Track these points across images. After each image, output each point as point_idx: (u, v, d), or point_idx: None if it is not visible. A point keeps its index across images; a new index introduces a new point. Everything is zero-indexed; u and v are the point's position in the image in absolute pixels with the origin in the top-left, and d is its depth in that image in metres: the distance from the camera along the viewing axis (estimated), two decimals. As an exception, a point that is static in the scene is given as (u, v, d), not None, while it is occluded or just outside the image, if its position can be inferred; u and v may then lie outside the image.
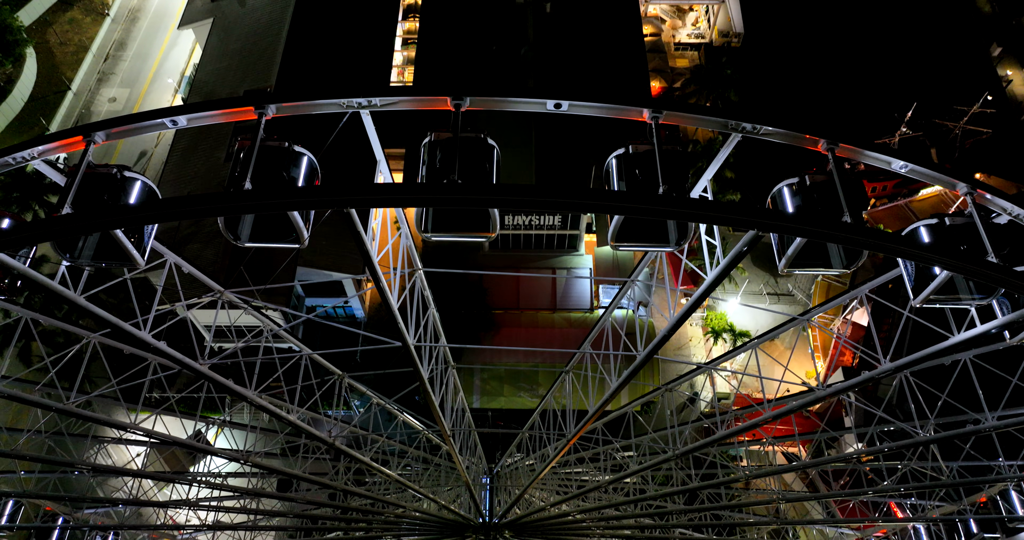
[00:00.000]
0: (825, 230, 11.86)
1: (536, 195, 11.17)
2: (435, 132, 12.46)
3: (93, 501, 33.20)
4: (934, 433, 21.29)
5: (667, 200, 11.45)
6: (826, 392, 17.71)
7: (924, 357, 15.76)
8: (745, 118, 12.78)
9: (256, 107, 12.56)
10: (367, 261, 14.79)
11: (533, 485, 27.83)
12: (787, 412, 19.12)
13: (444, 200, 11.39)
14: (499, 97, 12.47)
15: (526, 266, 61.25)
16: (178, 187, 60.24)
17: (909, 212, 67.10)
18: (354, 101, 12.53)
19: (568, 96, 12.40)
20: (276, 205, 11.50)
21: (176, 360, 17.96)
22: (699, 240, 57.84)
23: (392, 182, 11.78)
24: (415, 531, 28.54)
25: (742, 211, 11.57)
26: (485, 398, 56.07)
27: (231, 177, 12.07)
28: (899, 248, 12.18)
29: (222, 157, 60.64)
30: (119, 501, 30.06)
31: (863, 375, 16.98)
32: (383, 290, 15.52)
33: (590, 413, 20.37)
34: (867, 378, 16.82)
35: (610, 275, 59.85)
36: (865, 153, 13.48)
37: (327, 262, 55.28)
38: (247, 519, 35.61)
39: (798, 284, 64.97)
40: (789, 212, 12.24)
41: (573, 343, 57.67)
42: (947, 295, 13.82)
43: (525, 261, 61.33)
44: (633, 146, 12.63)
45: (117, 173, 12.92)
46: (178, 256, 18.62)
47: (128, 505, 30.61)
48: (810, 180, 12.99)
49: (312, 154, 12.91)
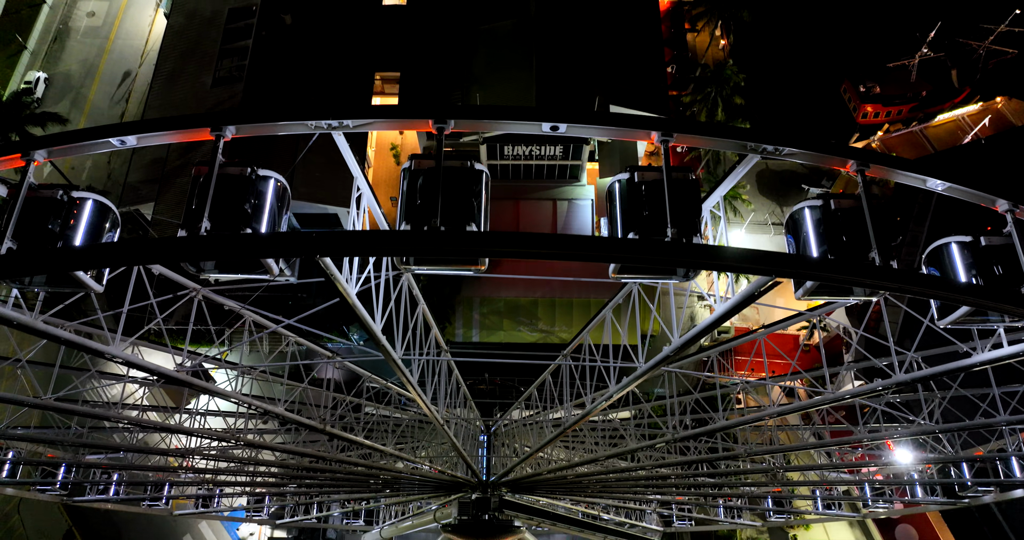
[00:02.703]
0: (850, 277, 10.69)
1: (530, 247, 9.89)
2: (416, 160, 11.04)
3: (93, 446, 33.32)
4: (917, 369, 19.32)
5: (677, 249, 10.20)
6: (835, 396, 16.92)
7: (942, 372, 14.87)
8: (766, 139, 11.33)
9: (213, 128, 11.09)
10: (353, 307, 13.52)
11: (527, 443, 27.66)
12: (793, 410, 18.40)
13: (424, 250, 10.14)
14: (488, 119, 10.97)
15: (526, 196, 59.66)
16: (162, 114, 57.86)
17: (924, 139, 64.66)
18: (323, 123, 11.04)
19: (565, 118, 10.89)
20: (237, 253, 10.27)
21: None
22: (704, 170, 54.67)
23: (366, 230, 10.48)
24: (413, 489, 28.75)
25: (760, 259, 10.32)
26: (484, 332, 55.91)
27: (187, 212, 10.76)
28: (938, 293, 11.00)
29: (209, 82, 57.99)
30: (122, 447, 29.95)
31: (876, 382, 16.11)
32: (365, 321, 14.30)
33: (585, 411, 19.65)
34: (874, 389, 15.97)
35: (613, 206, 58.33)
36: (897, 172, 12.05)
37: (322, 194, 53.80)
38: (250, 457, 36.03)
39: (805, 214, 63.47)
40: (812, 256, 10.94)
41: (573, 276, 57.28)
42: (975, 316, 12.78)
43: (525, 191, 59.69)
44: (639, 174, 11.22)
45: (63, 196, 11.54)
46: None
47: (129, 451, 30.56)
48: (835, 205, 11.64)
49: (279, 175, 11.53)
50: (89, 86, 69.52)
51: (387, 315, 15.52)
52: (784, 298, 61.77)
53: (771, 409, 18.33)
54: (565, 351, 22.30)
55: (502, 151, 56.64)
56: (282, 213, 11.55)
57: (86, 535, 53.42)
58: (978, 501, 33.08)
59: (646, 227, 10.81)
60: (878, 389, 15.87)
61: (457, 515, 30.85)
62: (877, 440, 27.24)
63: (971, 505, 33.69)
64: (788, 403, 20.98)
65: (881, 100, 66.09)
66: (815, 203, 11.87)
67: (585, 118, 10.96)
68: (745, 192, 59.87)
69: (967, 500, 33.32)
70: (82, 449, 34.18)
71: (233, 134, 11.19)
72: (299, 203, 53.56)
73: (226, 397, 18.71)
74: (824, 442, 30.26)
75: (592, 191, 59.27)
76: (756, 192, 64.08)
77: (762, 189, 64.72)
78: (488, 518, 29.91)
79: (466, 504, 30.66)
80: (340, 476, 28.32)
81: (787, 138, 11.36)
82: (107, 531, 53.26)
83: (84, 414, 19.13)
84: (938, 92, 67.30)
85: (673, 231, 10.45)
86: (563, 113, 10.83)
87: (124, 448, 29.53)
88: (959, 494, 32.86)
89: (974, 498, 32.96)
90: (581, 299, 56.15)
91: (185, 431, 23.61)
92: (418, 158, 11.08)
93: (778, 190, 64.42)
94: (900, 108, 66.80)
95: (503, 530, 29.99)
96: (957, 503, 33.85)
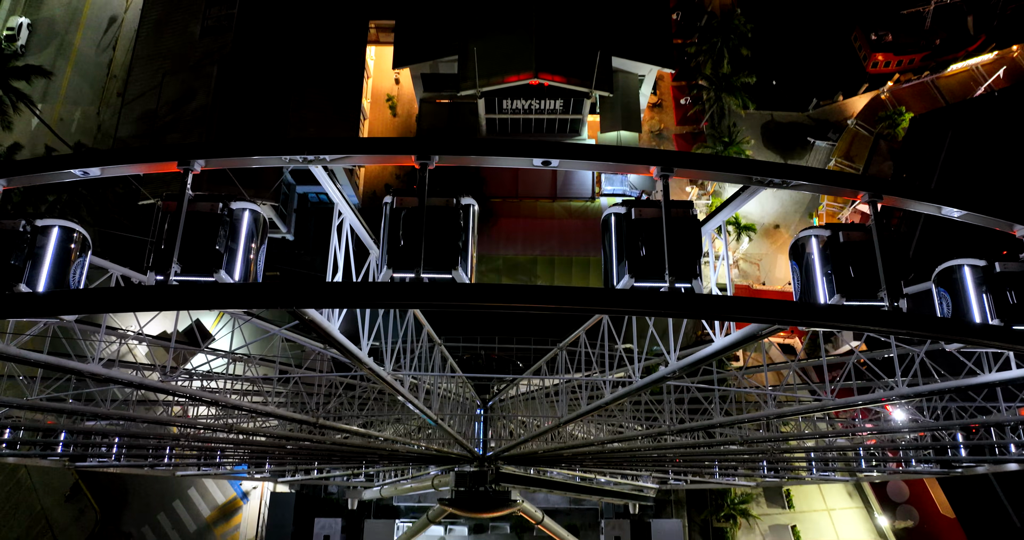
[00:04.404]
0: (857, 325, 10.14)
1: (518, 300, 9.33)
2: (398, 196, 10.36)
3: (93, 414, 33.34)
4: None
5: (674, 301, 9.63)
6: (834, 404, 16.60)
7: (945, 389, 14.49)
8: (771, 172, 10.58)
9: (180, 162, 10.36)
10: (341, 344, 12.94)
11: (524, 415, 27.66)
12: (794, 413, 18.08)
13: (409, 304, 9.58)
14: (474, 154, 10.23)
15: (526, 151, 58.34)
16: (151, 65, 56.18)
17: (935, 90, 62.84)
18: (299, 157, 10.31)
19: (558, 154, 10.15)
20: (207, 304, 9.71)
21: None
22: (708, 123, 53.09)
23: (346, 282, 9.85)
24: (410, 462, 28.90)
25: (762, 309, 9.77)
26: (483, 290, 55.54)
27: (156, 251, 10.16)
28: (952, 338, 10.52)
29: (197, 32, 56.01)
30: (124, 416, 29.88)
31: (876, 393, 15.77)
32: (355, 353, 13.72)
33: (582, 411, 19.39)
34: (876, 398, 15.64)
35: (613, 161, 57.09)
36: (911, 201, 11.37)
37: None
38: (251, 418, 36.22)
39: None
40: (815, 303, 10.35)
41: (573, 234, 56.74)
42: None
43: (525, 146, 58.33)
44: (636, 210, 10.55)
45: (25, 228, 10.89)
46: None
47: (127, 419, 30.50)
48: (844, 237, 11.00)
49: (254, 205, 10.85)
50: (74, 33, 67.24)
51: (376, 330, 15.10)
52: (785, 255, 61.28)
53: (769, 410, 18.04)
54: (561, 344, 21.96)
55: (500, 105, 55.10)
56: (260, 247, 10.93)
57: (93, 488, 54.51)
58: (971, 471, 33.38)
59: (642, 270, 10.22)
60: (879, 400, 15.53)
61: (454, 487, 31.14)
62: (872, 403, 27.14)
63: (964, 474, 34.01)
64: (787, 360, 20.73)
65: (893, 48, 63.90)
66: (822, 233, 11.22)
67: (579, 153, 10.23)
68: (749, 147, 58.56)
69: (960, 470, 33.63)
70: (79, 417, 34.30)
71: (203, 167, 10.46)
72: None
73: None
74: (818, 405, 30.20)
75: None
76: (760, 145, 62.72)
77: (767, 142, 63.32)
78: (485, 491, 30.18)
79: (463, 476, 30.89)
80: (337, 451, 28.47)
81: (793, 171, 10.63)
82: (113, 484, 54.31)
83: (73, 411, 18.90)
84: (952, 40, 65.04)
85: (671, 278, 9.88)
86: (555, 149, 10.08)
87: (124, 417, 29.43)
88: (953, 464, 33.16)
89: (968, 468, 33.25)
90: (580, 257, 55.66)
91: (182, 393, 23.24)
92: (400, 195, 10.41)
93: (783, 143, 63.01)
94: (912, 57, 64.67)
95: (500, 503, 30.31)
96: (950, 472, 34.17)
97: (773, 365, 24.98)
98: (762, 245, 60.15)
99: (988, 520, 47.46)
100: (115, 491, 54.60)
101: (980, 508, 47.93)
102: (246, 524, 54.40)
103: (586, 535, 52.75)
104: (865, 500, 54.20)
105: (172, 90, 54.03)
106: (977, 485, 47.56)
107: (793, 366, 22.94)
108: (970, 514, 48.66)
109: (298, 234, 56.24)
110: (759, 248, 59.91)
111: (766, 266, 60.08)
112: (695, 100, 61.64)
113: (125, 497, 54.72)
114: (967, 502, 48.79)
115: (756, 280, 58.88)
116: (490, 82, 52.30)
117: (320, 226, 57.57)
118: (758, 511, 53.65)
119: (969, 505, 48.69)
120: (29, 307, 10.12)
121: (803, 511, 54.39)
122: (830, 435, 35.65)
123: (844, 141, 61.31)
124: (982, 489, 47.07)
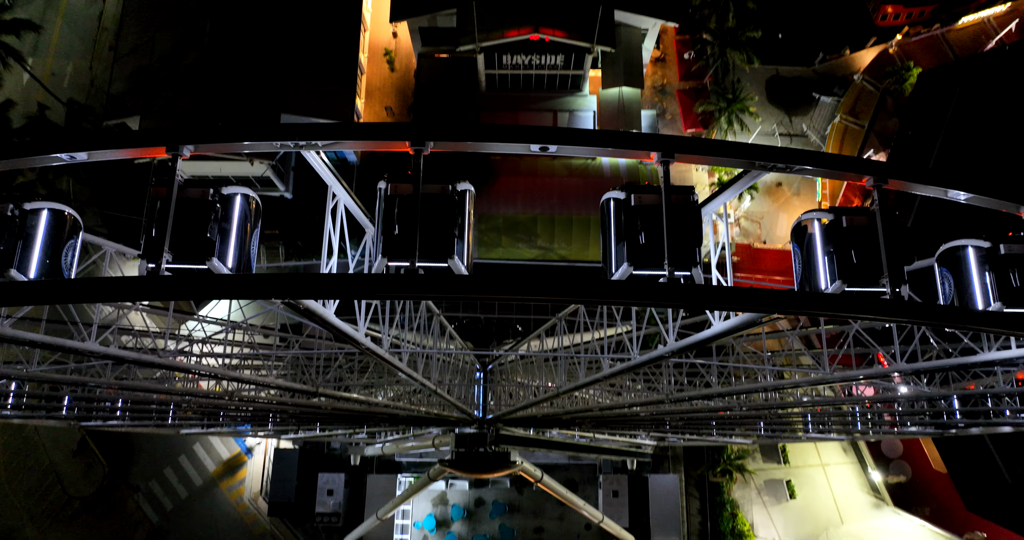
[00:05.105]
0: (857, 314, 10.05)
1: (515, 291, 9.20)
2: (392, 183, 10.14)
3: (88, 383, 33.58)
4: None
5: (674, 292, 9.50)
6: (833, 378, 16.63)
7: (945, 367, 14.49)
8: (776, 157, 10.33)
9: (168, 147, 10.12)
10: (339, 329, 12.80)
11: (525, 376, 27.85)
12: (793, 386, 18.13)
13: (404, 296, 9.47)
14: (470, 140, 9.96)
15: (526, 108, 57.46)
16: (142, 18, 54.96)
17: (945, 44, 61.47)
18: (290, 143, 10.06)
19: (556, 139, 9.89)
20: (199, 295, 9.61)
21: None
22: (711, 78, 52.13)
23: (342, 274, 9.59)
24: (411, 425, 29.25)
25: (761, 300, 9.64)
26: (483, 249, 55.42)
27: (147, 240, 10.00)
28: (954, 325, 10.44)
29: (189, -17, 54.45)
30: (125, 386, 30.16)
31: (875, 369, 15.78)
32: (352, 336, 13.54)
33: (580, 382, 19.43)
34: (877, 374, 15.67)
35: (615, 117, 56.24)
36: (917, 185, 11.15)
37: (314, 108, 51.82)
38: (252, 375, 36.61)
39: (813, 125, 61.38)
40: (821, 291, 10.18)
41: (573, 192, 56.23)
42: None
43: (525, 102, 57.43)
44: (636, 196, 10.33)
45: (14, 212, 10.73)
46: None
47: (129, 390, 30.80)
48: (847, 221, 10.82)
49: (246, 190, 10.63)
50: (63, -17, 65.50)
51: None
52: (788, 214, 60.96)
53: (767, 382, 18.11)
54: (560, 314, 21.93)
55: (500, 60, 53.99)
56: (253, 232, 10.76)
57: (100, 444, 55.43)
58: (966, 432, 33.76)
59: (641, 258, 10.07)
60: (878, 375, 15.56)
61: (454, 447, 31.55)
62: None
63: (958, 435, 34.42)
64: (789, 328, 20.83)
65: (902, 1, 62.23)
66: (826, 216, 11.04)
67: (577, 139, 9.95)
68: (753, 103, 57.59)
69: (954, 431, 34.00)
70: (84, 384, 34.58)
71: (192, 152, 10.21)
72: (291, 117, 51.66)
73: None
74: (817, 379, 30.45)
75: (594, 102, 56.98)
76: (764, 101, 61.67)
77: (771, 98, 62.24)
78: (484, 452, 30.59)
79: (463, 437, 31.27)
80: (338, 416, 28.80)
81: (797, 156, 10.37)
82: (120, 440, 55.20)
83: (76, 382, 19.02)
84: (965, -10, 63.35)
85: (669, 269, 9.75)
86: (553, 134, 9.82)
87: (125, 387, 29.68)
88: (947, 424, 33.50)
89: (961, 429, 33.61)
90: (581, 216, 55.23)
91: (182, 368, 23.48)
92: (394, 181, 10.19)
93: (788, 99, 61.92)
94: (922, 9, 62.98)
95: (499, 464, 30.75)
96: (944, 433, 34.58)
97: (773, 333, 25.01)
98: (764, 203, 59.72)
99: (979, 476, 48.30)
100: (122, 447, 55.54)
101: (972, 464, 48.71)
102: (251, 478, 55.51)
103: (584, 490, 53.82)
104: (859, 456, 55.10)
105: (165, 45, 52.84)
106: (970, 442, 48.24)
107: (793, 334, 23.01)
108: (962, 470, 49.51)
109: (297, 191, 55.84)
110: (761, 206, 59.51)
111: (767, 224, 59.74)
112: (699, 55, 60.33)
113: (132, 452, 55.71)
114: (959, 458, 49.58)
115: (757, 238, 58.65)
116: (489, 37, 51.15)
117: (320, 183, 57.08)
118: (754, 466, 54.61)
119: (961, 461, 49.48)
120: (20, 296, 10.03)
121: (798, 466, 55.36)
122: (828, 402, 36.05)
123: (850, 97, 60.26)
124: (975, 446, 47.75)
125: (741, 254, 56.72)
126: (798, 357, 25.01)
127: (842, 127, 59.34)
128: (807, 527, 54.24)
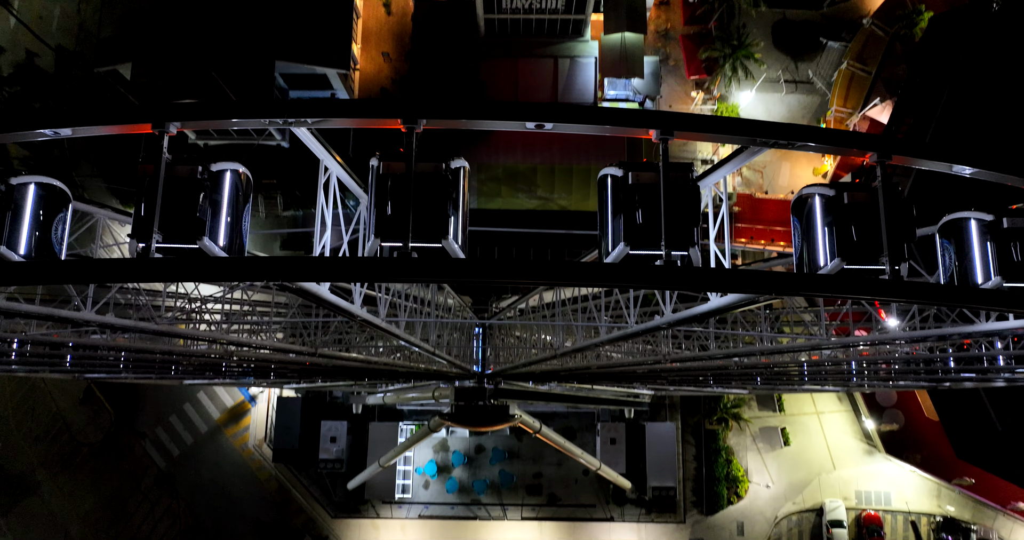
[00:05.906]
0: (854, 294, 9.96)
1: (514, 274, 9.11)
2: (385, 161, 9.91)
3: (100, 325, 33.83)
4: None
5: (671, 275, 9.40)
6: (830, 344, 16.69)
7: (944, 335, 14.51)
8: (775, 134, 10.10)
9: (154, 124, 9.87)
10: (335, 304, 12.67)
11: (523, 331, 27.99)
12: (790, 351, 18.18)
13: (397, 279, 9.37)
14: (465, 118, 9.70)
15: (526, 54, 56.16)
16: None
17: (956, -12, 59.43)
18: (279, 120, 9.80)
19: (552, 117, 9.62)
20: (191, 277, 9.52)
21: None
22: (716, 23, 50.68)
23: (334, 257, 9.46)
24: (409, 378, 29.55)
25: (761, 281, 9.55)
26: (483, 199, 55.07)
27: (136, 220, 9.85)
28: (952, 303, 10.35)
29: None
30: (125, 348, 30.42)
31: (874, 334, 15.80)
32: (349, 310, 13.46)
33: (578, 346, 19.51)
34: (877, 339, 15.69)
35: (617, 64, 55.05)
36: (920, 160, 10.94)
37: (311, 55, 50.62)
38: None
39: (819, 71, 60.05)
40: (819, 272, 10.06)
41: (574, 142, 55.43)
42: None
43: (525, 48, 56.11)
44: (633, 174, 10.12)
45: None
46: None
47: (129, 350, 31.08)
48: (848, 198, 10.65)
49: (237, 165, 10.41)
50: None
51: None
52: (790, 162, 60.28)
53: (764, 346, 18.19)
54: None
55: (500, 4, 52.49)
56: (244, 208, 10.58)
57: (105, 392, 56.22)
58: (959, 385, 34.14)
59: (638, 238, 9.92)
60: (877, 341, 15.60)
61: (454, 401, 31.97)
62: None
63: (952, 388, 34.83)
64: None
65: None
66: (827, 192, 10.85)
67: (575, 116, 9.69)
68: (758, 50, 56.22)
69: (948, 384, 34.38)
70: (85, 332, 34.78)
71: (179, 128, 9.96)
72: (287, 64, 50.56)
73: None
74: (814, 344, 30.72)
75: (596, 48, 55.67)
76: (770, 47, 60.18)
77: (777, 43, 60.70)
78: (483, 405, 31.02)
79: (462, 391, 31.66)
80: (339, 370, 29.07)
81: (798, 132, 10.15)
82: (125, 389, 55.96)
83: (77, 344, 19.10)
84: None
85: (666, 250, 9.62)
86: (550, 111, 9.56)
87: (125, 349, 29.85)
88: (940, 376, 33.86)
89: (955, 381, 33.98)
90: (581, 166, 54.72)
91: (179, 334, 23.66)
92: (386, 159, 9.95)
93: (794, 44, 60.39)
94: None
95: (498, 417, 31.22)
96: (938, 386, 34.97)
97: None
98: (766, 152, 58.87)
99: (971, 424, 49.06)
100: (127, 395, 56.36)
101: (964, 413, 49.41)
102: (255, 426, 56.50)
103: (583, 438, 54.86)
104: (854, 404, 55.93)
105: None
106: (963, 390, 48.86)
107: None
108: (953, 418, 50.25)
109: (294, 140, 55.13)
110: (763, 156, 58.62)
111: (769, 174, 59.19)
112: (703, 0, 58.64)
113: (137, 400, 56.56)
114: (951, 407, 50.26)
115: (759, 188, 58.19)
116: (489, -22, 49.67)
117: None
118: (749, 414, 55.52)
119: (953, 410, 50.18)
120: (9, 277, 9.93)
121: (793, 414, 56.27)
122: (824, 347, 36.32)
123: (858, 42, 58.67)
124: (967, 395, 48.34)
125: (743, 204, 56.26)
126: (798, 314, 25.06)
127: (849, 73, 57.97)
128: (800, 473, 55.50)
